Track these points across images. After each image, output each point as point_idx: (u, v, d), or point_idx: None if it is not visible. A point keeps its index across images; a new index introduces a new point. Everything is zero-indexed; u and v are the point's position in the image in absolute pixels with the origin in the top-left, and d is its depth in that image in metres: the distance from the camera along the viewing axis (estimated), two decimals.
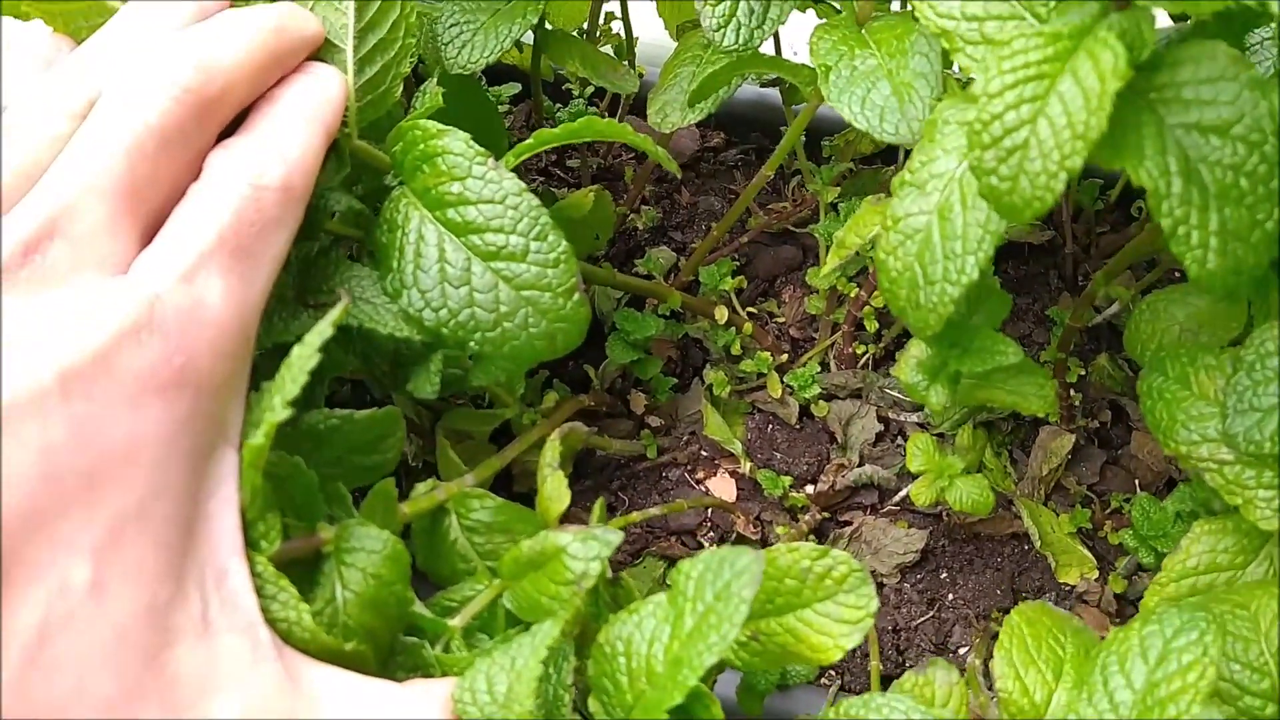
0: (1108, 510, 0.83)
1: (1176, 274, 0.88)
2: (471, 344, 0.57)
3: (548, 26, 0.91)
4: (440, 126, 0.58)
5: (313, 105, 0.54)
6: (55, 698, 0.39)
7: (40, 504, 0.40)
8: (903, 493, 0.86)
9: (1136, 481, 0.85)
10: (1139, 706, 0.51)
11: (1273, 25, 0.67)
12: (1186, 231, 0.53)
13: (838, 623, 0.56)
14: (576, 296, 0.56)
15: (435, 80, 0.64)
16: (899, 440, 0.89)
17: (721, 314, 0.92)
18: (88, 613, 0.40)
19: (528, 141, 0.62)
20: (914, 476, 0.82)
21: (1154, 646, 0.52)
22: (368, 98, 0.60)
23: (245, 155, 0.51)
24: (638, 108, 0.95)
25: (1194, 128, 0.54)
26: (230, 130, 0.53)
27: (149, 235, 0.49)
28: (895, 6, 0.77)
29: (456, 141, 0.57)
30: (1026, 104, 0.52)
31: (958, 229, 0.59)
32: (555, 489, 0.62)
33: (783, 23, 0.72)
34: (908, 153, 0.71)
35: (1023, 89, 0.52)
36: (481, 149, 0.57)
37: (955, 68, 0.65)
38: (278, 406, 0.47)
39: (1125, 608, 0.80)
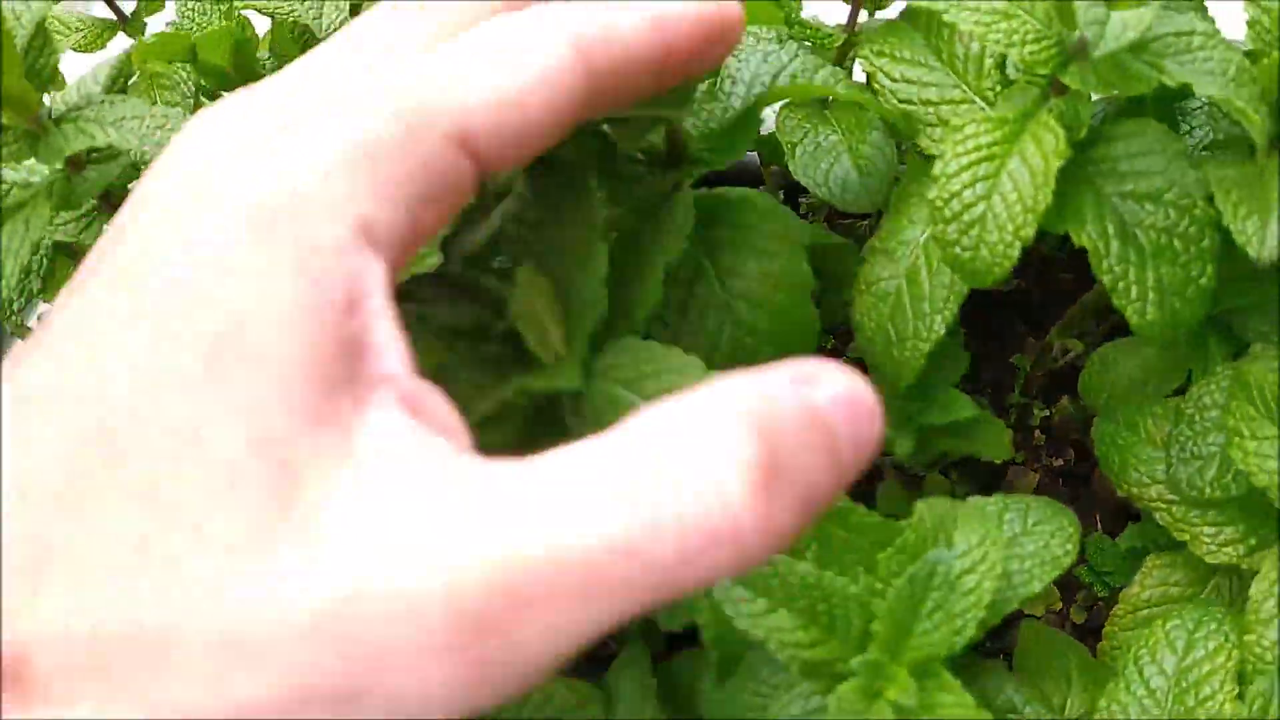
0: None
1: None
2: None
3: None
4: None
5: None
6: None
7: None
8: None
9: (1098, 516, 0.90)
10: (1174, 690, 0.58)
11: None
12: (1126, 287, 0.59)
13: None
14: None
15: None
16: (874, 482, 0.94)
17: None
18: None
19: None
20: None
21: (1180, 638, 0.59)
22: None
23: None
24: None
25: (1129, 196, 0.60)
26: None
27: None
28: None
29: None
30: (981, 182, 0.58)
31: (925, 291, 0.65)
32: None
33: None
34: (880, 211, 0.76)
35: (977, 169, 0.58)
36: None
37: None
38: None
39: (1085, 637, 0.85)
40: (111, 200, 0.67)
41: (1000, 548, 0.53)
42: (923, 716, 0.47)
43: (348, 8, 0.76)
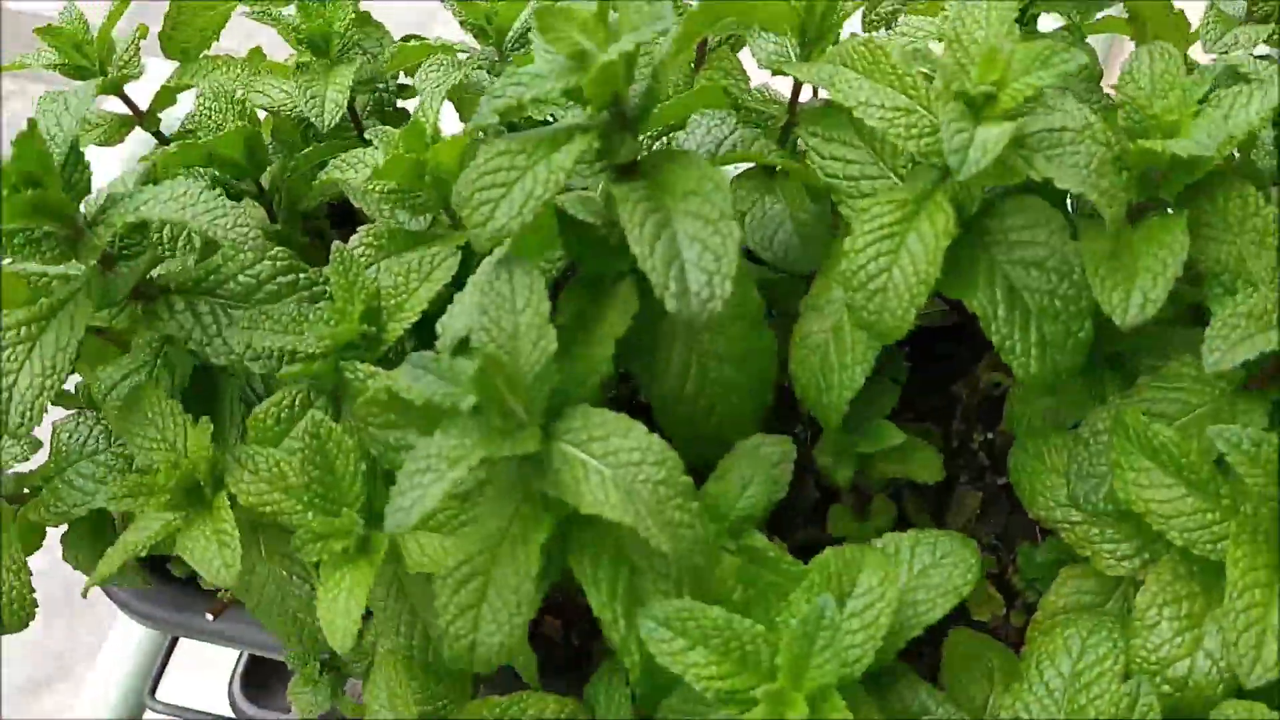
0: (1012, 555, 0.97)
1: None
2: None
3: None
4: None
5: None
6: None
7: None
8: None
9: (1037, 528, 0.99)
10: (1069, 690, 0.67)
11: None
12: (1012, 345, 0.68)
13: None
14: None
15: None
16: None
17: None
18: None
19: None
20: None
21: (1075, 644, 0.69)
22: None
23: None
24: None
25: (1017, 263, 0.69)
26: None
27: None
28: None
29: None
30: (884, 256, 0.67)
31: (848, 344, 0.74)
32: None
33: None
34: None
35: (880, 245, 0.67)
36: None
37: None
38: None
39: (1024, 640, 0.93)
40: (141, 292, 0.76)
41: (897, 587, 0.62)
42: None
43: (345, 102, 0.85)
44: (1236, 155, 0.78)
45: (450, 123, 0.89)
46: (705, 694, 0.58)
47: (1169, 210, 0.69)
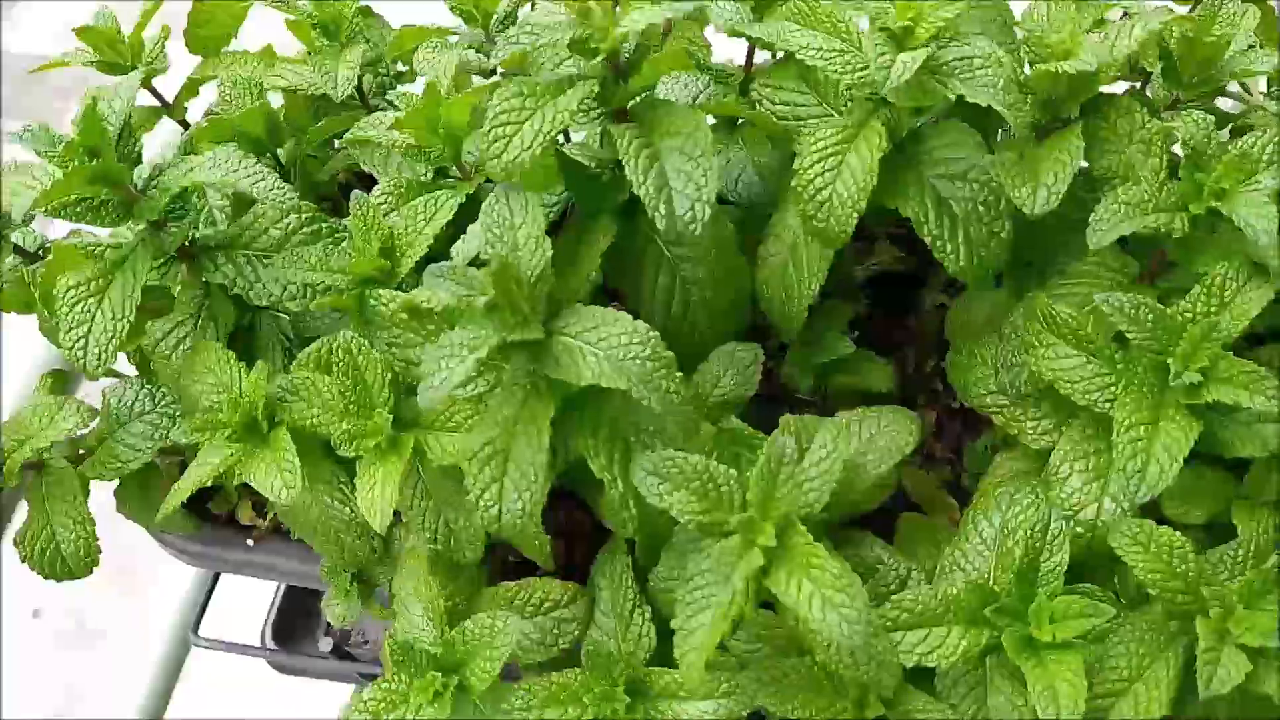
0: (964, 465, 1.08)
1: None
2: None
3: None
4: None
5: None
6: None
7: None
8: None
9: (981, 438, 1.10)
10: (999, 537, 0.78)
11: None
12: (942, 244, 0.80)
13: None
14: None
15: None
16: None
17: None
18: None
19: None
20: None
21: (1004, 500, 0.80)
22: None
23: None
24: None
25: (943, 176, 0.81)
26: None
27: None
28: None
29: None
30: (828, 172, 0.79)
31: (803, 260, 0.86)
32: None
33: None
34: None
35: (825, 162, 0.79)
36: None
37: None
38: None
39: None
40: (185, 250, 0.87)
41: (848, 443, 0.73)
42: (782, 555, 0.67)
43: (355, 78, 0.97)
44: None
45: None
46: (689, 526, 0.68)
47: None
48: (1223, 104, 0.96)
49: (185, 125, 1.10)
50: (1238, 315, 0.73)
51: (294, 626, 1.25)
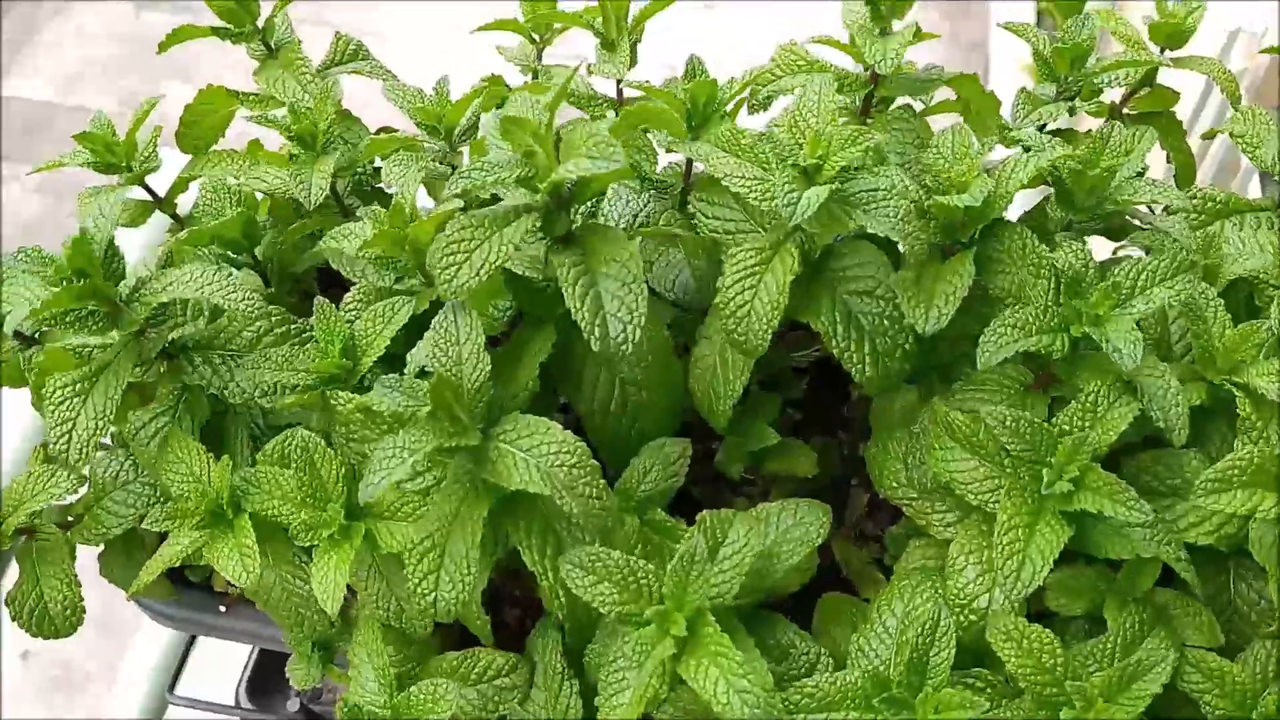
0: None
1: None
2: None
3: None
4: None
5: None
6: None
7: None
8: None
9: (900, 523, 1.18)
10: (901, 625, 0.85)
11: None
12: (850, 355, 0.88)
13: None
14: None
15: None
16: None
17: None
18: None
19: None
20: None
21: (906, 591, 0.87)
22: None
23: None
24: None
25: (853, 292, 0.89)
26: None
27: None
28: None
29: None
30: (747, 290, 0.87)
31: (730, 363, 0.94)
32: None
33: None
34: None
35: (744, 281, 0.87)
36: None
37: None
38: None
39: None
40: (165, 351, 0.95)
41: (760, 538, 0.81)
42: (694, 644, 0.75)
43: (328, 186, 1.05)
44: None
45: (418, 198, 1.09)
46: (609, 617, 0.76)
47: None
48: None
49: (175, 218, 1.18)
50: (1107, 429, 0.81)
51: (268, 684, 1.32)
